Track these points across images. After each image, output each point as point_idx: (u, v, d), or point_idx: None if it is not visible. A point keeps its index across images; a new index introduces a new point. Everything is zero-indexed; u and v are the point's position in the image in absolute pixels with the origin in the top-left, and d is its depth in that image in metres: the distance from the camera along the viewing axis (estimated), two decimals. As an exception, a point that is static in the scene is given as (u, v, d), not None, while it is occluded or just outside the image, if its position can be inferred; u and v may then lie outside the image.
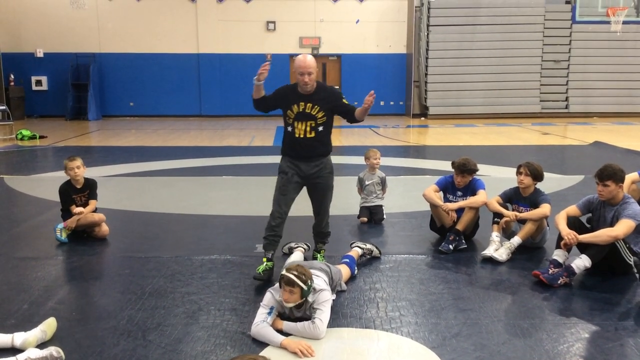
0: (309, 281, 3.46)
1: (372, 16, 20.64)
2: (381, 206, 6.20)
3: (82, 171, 5.46)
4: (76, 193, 5.49)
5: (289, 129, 4.44)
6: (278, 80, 22.52)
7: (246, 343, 3.37)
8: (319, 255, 4.79)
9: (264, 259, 4.39)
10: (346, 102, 4.46)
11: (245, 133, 15.45)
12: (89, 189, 5.56)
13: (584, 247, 4.37)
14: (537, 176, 4.99)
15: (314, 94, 4.35)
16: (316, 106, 4.34)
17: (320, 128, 4.39)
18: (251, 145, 13.09)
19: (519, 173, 5.03)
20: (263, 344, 3.34)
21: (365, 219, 6.11)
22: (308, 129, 4.36)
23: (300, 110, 4.35)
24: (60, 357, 3.09)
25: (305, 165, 4.44)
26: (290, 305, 3.49)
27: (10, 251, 5.17)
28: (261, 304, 3.56)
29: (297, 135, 4.39)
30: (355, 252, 4.71)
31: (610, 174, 4.33)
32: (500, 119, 19.22)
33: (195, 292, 4.14)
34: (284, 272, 3.51)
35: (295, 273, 3.44)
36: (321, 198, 4.61)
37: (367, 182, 6.23)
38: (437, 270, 4.63)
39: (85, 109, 19.67)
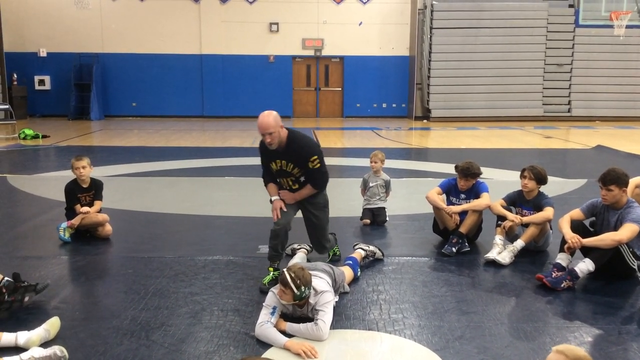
0: (302, 287, 3.45)
1: (375, 18, 20.66)
2: (384, 208, 6.20)
3: (88, 171, 5.47)
4: (82, 192, 5.50)
5: (277, 180, 4.44)
6: (281, 82, 22.60)
7: (249, 344, 3.37)
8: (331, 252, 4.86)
9: (270, 269, 4.33)
10: (312, 166, 4.23)
11: (248, 134, 15.46)
12: (95, 189, 5.57)
13: (587, 251, 4.36)
14: (541, 180, 4.99)
15: (286, 150, 4.21)
16: (290, 164, 4.25)
17: (302, 179, 4.33)
18: (253, 146, 13.07)
19: (522, 177, 5.03)
20: (266, 345, 3.34)
21: (368, 221, 6.11)
22: (290, 182, 4.36)
23: (278, 168, 4.32)
24: (63, 356, 3.09)
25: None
26: (284, 302, 3.51)
27: (13, 250, 5.18)
28: (264, 304, 3.57)
29: (284, 187, 4.42)
30: (358, 253, 4.71)
31: (613, 179, 4.33)
32: (503, 122, 19.22)
33: (199, 293, 4.14)
34: (284, 269, 3.54)
35: (292, 275, 3.44)
36: (316, 232, 4.55)
37: (370, 184, 6.23)
38: (440, 273, 4.63)
39: (88, 108, 19.69)
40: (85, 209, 5.39)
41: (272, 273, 4.30)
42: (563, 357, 2.12)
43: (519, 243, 4.87)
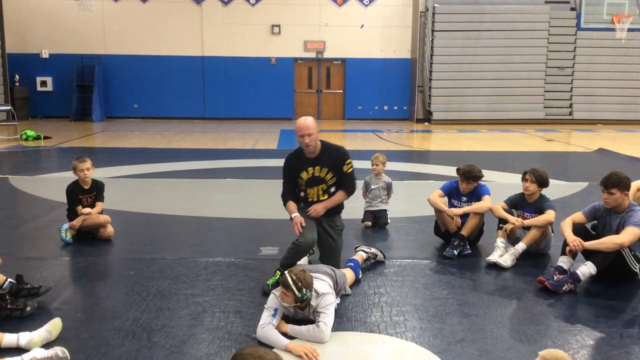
0: (304, 289, 3.45)
1: (377, 21, 20.68)
2: (385, 211, 6.20)
3: (91, 172, 5.48)
4: (83, 194, 5.51)
5: (302, 194, 4.51)
6: (283, 84, 22.60)
7: (250, 345, 3.37)
8: None
9: (278, 272, 4.27)
10: (346, 169, 4.43)
11: (249, 136, 15.48)
12: (97, 190, 5.58)
13: (589, 254, 4.36)
14: (543, 183, 4.99)
15: (319, 156, 4.40)
16: (324, 168, 4.39)
17: (332, 189, 4.46)
18: (255, 148, 13.11)
19: (524, 179, 5.03)
20: (268, 347, 3.34)
21: (369, 223, 6.11)
22: (320, 192, 4.45)
23: (310, 175, 4.41)
24: (65, 357, 3.10)
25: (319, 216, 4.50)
26: (285, 304, 3.51)
27: (15, 251, 5.18)
28: (265, 306, 3.57)
29: (309, 200, 4.48)
30: (360, 256, 4.72)
31: (615, 182, 4.33)
32: (504, 125, 19.22)
33: (200, 294, 4.14)
34: (286, 272, 3.54)
35: (294, 278, 3.45)
36: (331, 257, 4.52)
37: (372, 187, 6.22)
38: (441, 276, 4.63)
39: (90, 110, 19.71)
40: (87, 210, 5.39)
41: (277, 276, 4.27)
42: None
43: (521, 246, 4.87)
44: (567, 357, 2.18)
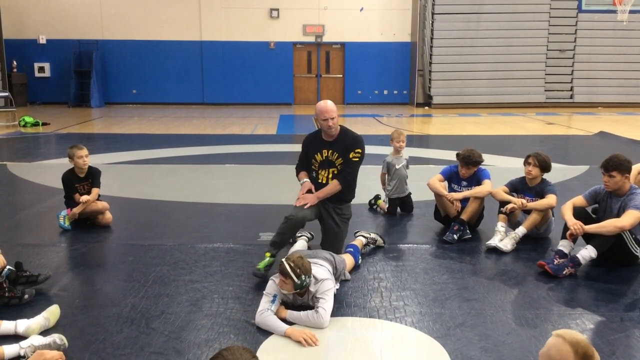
0: (302, 276, 3.44)
1: (377, 4, 20.48)
2: (410, 194, 6.05)
3: (89, 160, 5.46)
4: (79, 182, 5.48)
5: (314, 174, 4.54)
6: (282, 69, 22.35)
7: (250, 331, 3.36)
8: None
9: (267, 254, 4.25)
10: (352, 157, 4.38)
11: (248, 121, 15.40)
12: (92, 177, 5.54)
13: (589, 238, 4.34)
14: (545, 167, 4.96)
15: (335, 140, 4.43)
16: (335, 153, 4.42)
17: None
18: (254, 134, 13.05)
19: (527, 163, 5.00)
20: (267, 333, 3.33)
21: (393, 211, 5.94)
22: (330, 175, 4.46)
23: (323, 158, 4.45)
24: (63, 344, 3.08)
25: (326, 201, 4.48)
26: (285, 292, 3.49)
27: (13, 238, 5.16)
28: (264, 292, 3.56)
29: (319, 181, 4.49)
30: (360, 241, 4.70)
31: (616, 165, 4.29)
32: (505, 109, 19.12)
33: (199, 280, 4.13)
34: (283, 259, 3.52)
35: (292, 265, 3.43)
36: (333, 243, 4.50)
37: (397, 166, 5.95)
38: (441, 260, 4.62)
39: (88, 96, 19.61)
40: (85, 197, 5.36)
41: (267, 258, 4.24)
42: (561, 340, 2.12)
43: (521, 230, 4.85)
44: (585, 340, 2.14)
